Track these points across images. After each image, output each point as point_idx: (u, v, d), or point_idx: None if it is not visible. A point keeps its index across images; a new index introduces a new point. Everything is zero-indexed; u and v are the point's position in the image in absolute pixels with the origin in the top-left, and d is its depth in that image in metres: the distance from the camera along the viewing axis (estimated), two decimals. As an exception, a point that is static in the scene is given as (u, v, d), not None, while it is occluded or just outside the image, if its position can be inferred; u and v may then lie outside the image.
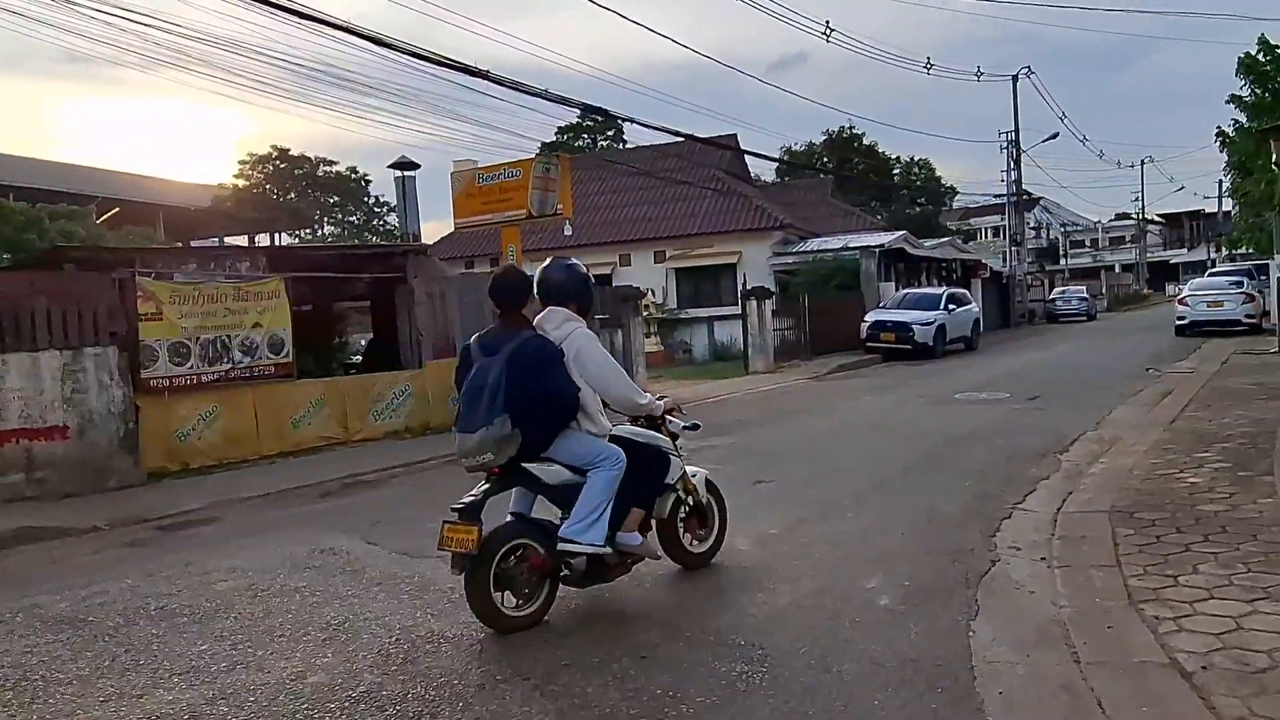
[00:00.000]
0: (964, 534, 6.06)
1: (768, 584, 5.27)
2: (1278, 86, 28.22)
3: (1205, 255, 63.25)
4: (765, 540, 6.22)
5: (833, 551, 5.88)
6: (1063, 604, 4.58)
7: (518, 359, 4.53)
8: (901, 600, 4.85)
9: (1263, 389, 11.70)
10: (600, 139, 53.28)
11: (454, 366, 5.09)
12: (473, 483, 4.94)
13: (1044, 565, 5.26)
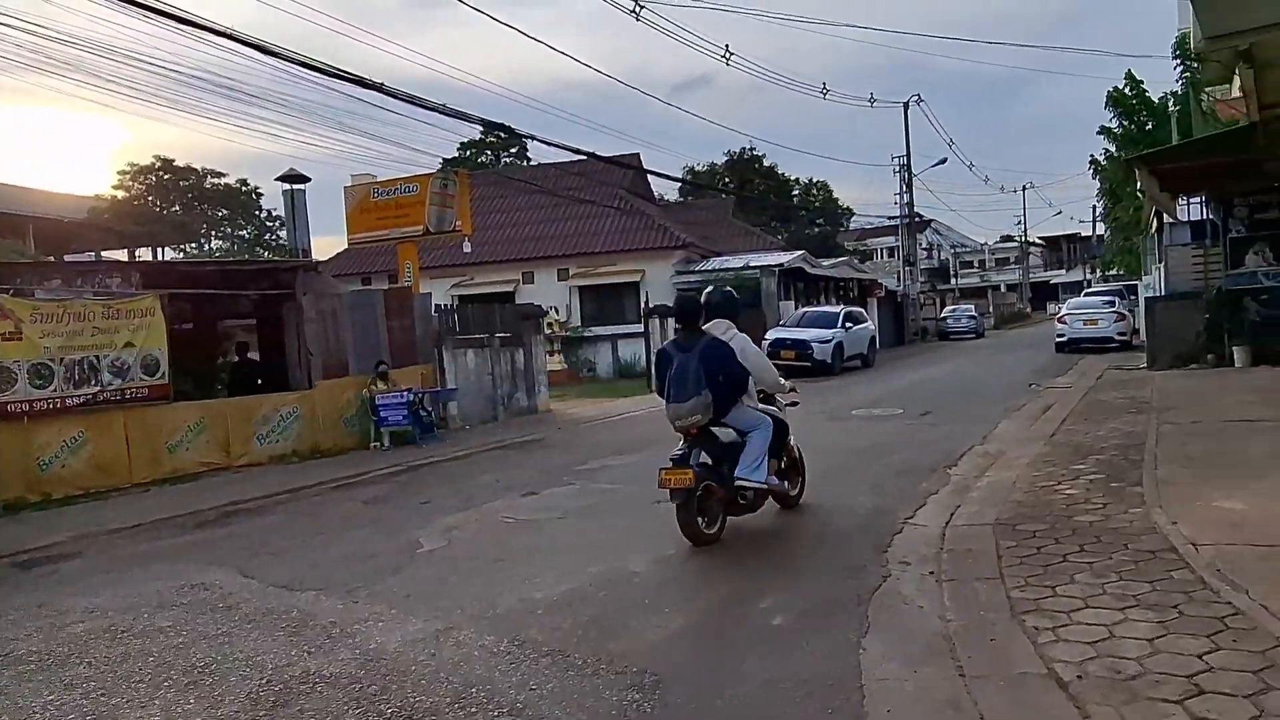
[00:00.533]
0: (857, 550, 6.11)
1: (663, 606, 5.19)
2: (1143, 120, 30.10)
3: (1082, 276, 66.80)
4: (661, 561, 6.15)
5: (728, 571, 5.84)
6: (949, 618, 4.63)
7: (707, 354, 6.40)
8: (795, 619, 4.83)
9: (1133, 403, 12.31)
10: (504, 155, 52.88)
11: (345, 386, 5.66)
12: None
13: (932, 580, 5.33)
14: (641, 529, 7.17)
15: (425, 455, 12.26)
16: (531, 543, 7.00)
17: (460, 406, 15.35)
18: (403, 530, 7.73)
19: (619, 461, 10.79)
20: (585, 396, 20.35)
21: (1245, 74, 7.99)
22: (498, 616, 5.17)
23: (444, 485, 10.00)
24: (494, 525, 7.74)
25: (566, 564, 6.21)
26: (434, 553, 6.89)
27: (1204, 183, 16.01)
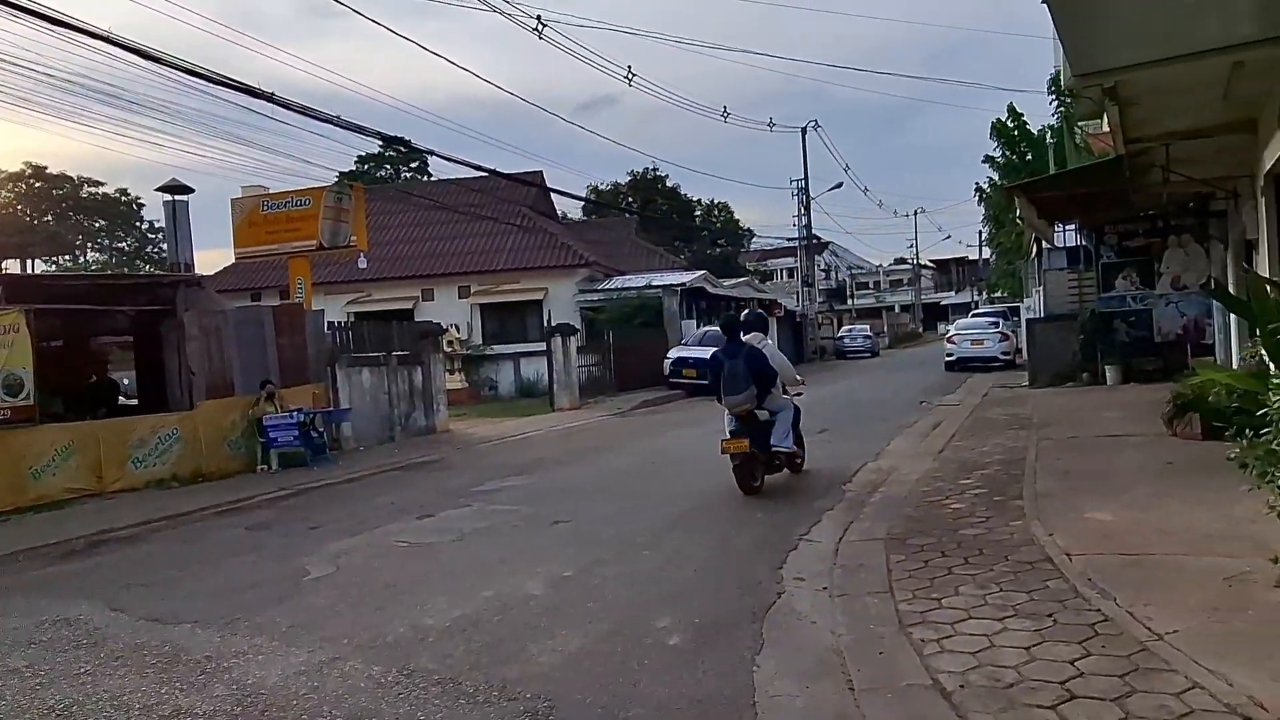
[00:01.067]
0: (753, 567, 6.17)
1: (558, 629, 5.10)
2: (1023, 150, 31.76)
3: (970, 298, 69.78)
4: (558, 583, 6.07)
5: (626, 591, 5.81)
6: (841, 633, 4.71)
7: (750, 359, 8.69)
8: (691, 638, 4.82)
9: (1015, 420, 12.87)
10: (404, 170, 51.99)
11: (230, 406, 5.61)
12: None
13: (825, 595, 5.41)
14: (539, 550, 7.07)
15: (316, 478, 11.83)
16: (425, 567, 6.81)
17: (354, 427, 14.90)
18: (289, 557, 7.42)
19: (518, 482, 10.65)
20: (486, 416, 20.06)
21: (1111, 110, 8.46)
22: (387, 645, 4.99)
23: (335, 509, 9.66)
24: (386, 550, 7.51)
25: (461, 588, 6.07)
26: (321, 580, 6.63)
27: (1078, 211, 16.92)
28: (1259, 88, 7.98)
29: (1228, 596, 4.51)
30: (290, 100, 14.21)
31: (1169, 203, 15.85)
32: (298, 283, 16.88)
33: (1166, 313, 17.37)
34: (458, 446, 14.97)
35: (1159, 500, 6.75)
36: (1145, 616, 4.32)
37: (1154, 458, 8.60)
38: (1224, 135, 9.64)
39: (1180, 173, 11.44)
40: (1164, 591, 4.67)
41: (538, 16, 19.82)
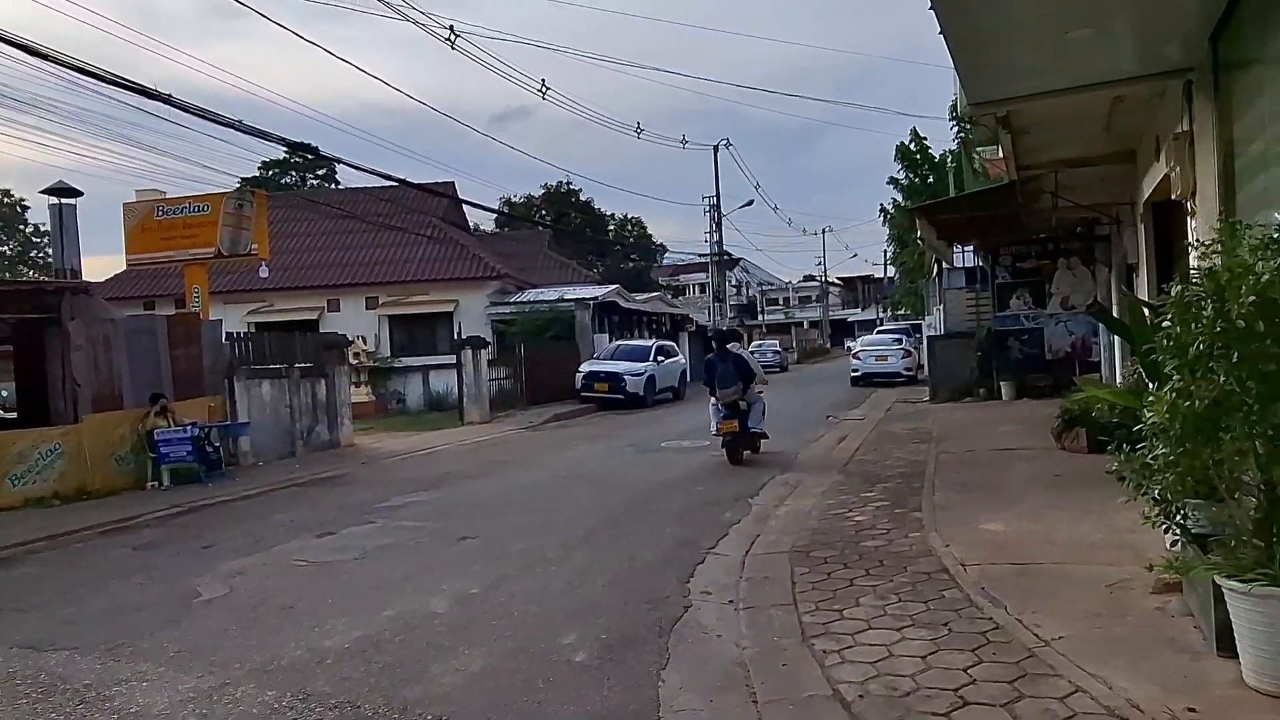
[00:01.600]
0: (661, 581, 6.19)
1: (462, 648, 5.01)
2: (925, 173, 32.99)
3: (875, 315, 71.87)
4: (464, 601, 5.96)
5: (533, 608, 5.74)
6: (746, 645, 4.76)
7: (736, 361, 11.86)
8: (597, 654, 4.80)
9: (916, 434, 13.28)
10: (310, 177, 50.67)
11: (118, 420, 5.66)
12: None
13: (731, 608, 5.46)
14: (444, 567, 6.95)
15: (211, 495, 11.36)
16: (324, 587, 6.60)
17: (253, 441, 14.38)
18: (179, 578, 7.10)
19: (425, 497, 10.44)
20: (393, 429, 19.63)
21: (1005, 138, 8.88)
22: (282, 669, 4.82)
23: (230, 527, 9.29)
24: (284, 569, 7.25)
25: (362, 608, 5.90)
26: (213, 602, 6.36)
27: (975, 233, 17.65)
28: (1137, 121, 8.48)
29: (1109, 603, 4.73)
30: (189, 102, 13.71)
31: (1058, 227, 16.68)
32: (194, 291, 16.25)
33: (1056, 331, 18.22)
34: (362, 461, 14.60)
35: (1048, 511, 7.05)
36: (1034, 624, 4.49)
37: (1044, 470, 8.98)
38: (1107, 165, 10.22)
39: (1068, 199, 12.06)
40: (1051, 599, 4.87)
41: (450, 27, 19.67)
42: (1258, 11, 4.74)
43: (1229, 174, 5.65)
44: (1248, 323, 3.31)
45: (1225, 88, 5.69)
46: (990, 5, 4.96)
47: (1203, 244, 3.99)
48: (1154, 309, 4.50)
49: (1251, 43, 4.98)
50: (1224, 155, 5.71)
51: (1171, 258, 9.22)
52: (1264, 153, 4.91)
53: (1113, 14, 5.31)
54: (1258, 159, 5.06)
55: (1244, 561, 3.52)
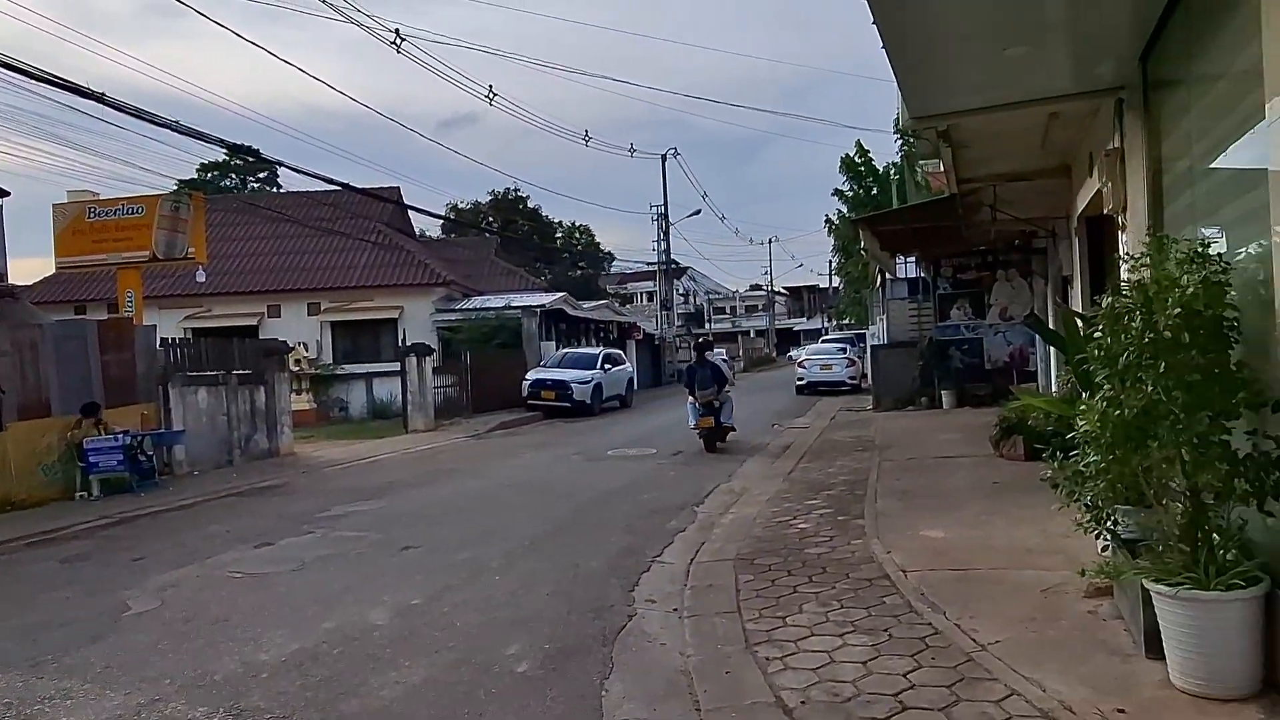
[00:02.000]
0: (606, 590, 6.16)
1: (403, 660, 4.93)
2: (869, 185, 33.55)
3: (820, 324, 72.77)
4: (405, 611, 5.86)
5: (476, 618, 5.67)
6: (689, 653, 4.76)
7: (713, 368, 14.75)
8: (540, 665, 4.76)
9: (859, 442, 13.46)
10: (251, 180, 49.66)
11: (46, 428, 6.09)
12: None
13: (675, 616, 5.46)
14: (386, 578, 6.83)
15: (143, 505, 11.02)
16: (261, 599, 6.43)
17: (189, 450, 13.99)
18: (108, 591, 6.86)
19: (366, 507, 10.26)
20: (335, 438, 19.27)
21: (945, 152, 9.06)
22: (215, 684, 4.68)
23: (163, 538, 9.02)
24: (219, 581, 7.05)
25: (299, 620, 5.77)
26: (144, 615, 6.16)
27: (917, 245, 17.97)
28: (1072, 137, 8.73)
29: (1044, 607, 4.84)
30: (123, 102, 13.32)
31: (997, 239, 17.08)
32: (128, 295, 15.79)
33: (995, 341, 18.66)
34: (302, 470, 14.31)
35: (986, 518, 7.20)
36: (971, 629, 4.57)
37: (983, 478, 9.17)
38: (1044, 179, 10.48)
39: (1006, 212, 12.34)
40: (988, 604, 4.97)
41: (396, 30, 19.40)
42: (1184, 34, 4.92)
43: (1157, 190, 5.83)
44: (1174, 334, 3.41)
45: (1154, 106, 5.87)
46: (931, 21, 5.06)
47: (1132, 257, 4.11)
48: (1086, 320, 4.63)
49: (1178, 63, 5.16)
50: (1153, 172, 5.89)
51: (1104, 270, 9.48)
52: (1189, 170, 5.08)
53: (1048, 33, 5.46)
54: (1184, 176, 5.23)
55: (1171, 566, 3.62)
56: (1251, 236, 3.90)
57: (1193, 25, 4.70)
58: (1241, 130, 3.95)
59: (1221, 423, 3.53)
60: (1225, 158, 4.36)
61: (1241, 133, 3.95)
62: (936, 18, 5.00)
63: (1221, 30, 4.22)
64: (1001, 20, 5.10)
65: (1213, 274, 3.54)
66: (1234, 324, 3.55)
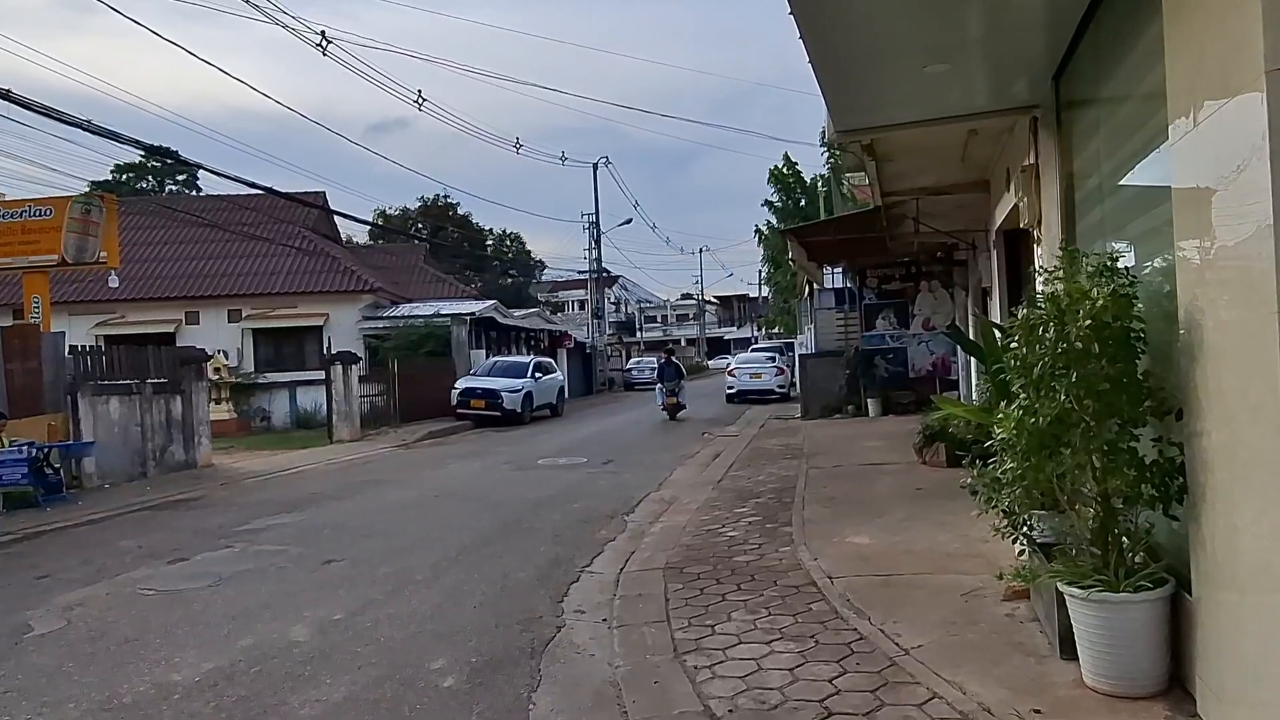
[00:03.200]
0: (534, 601, 6.10)
1: (324, 677, 4.79)
2: (797, 196, 34.12)
3: (750, 333, 73.66)
4: (327, 627, 5.71)
5: (400, 632, 5.55)
6: (618, 664, 4.73)
7: (676, 367, 23.68)
8: (466, 679, 4.68)
9: (788, 450, 13.63)
10: (170, 183, 48.10)
11: None
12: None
13: (605, 627, 5.43)
14: (307, 593, 6.64)
15: (48, 520, 10.52)
16: (174, 617, 6.19)
17: (100, 462, 13.42)
18: (8, 612, 6.51)
19: (288, 520, 9.98)
20: (257, 448, 18.73)
21: (870, 165, 9.27)
22: (123, 706, 4.49)
23: (69, 555, 8.62)
24: (129, 599, 6.76)
25: (215, 639, 5.57)
26: (47, 637, 5.87)
27: (843, 255, 18.35)
28: (990, 153, 9.01)
29: (964, 611, 4.95)
30: (30, 99, 12.78)
31: (921, 251, 17.54)
32: (34, 301, 15.10)
33: (919, 351, 19.12)
34: (221, 482, 13.85)
35: (909, 524, 7.35)
36: (895, 633, 4.65)
37: (906, 484, 9.37)
38: (964, 193, 10.80)
39: (929, 225, 12.68)
40: (911, 609, 5.06)
41: (321, 32, 19.02)
42: (1094, 56, 5.12)
43: (1070, 205, 6.05)
44: (1084, 345, 3.53)
45: (1067, 124, 6.10)
46: (856, 39, 5.17)
47: (1046, 270, 4.25)
48: (1004, 331, 4.77)
49: (1089, 84, 5.37)
50: (1065, 187, 6.11)
51: (1021, 282, 9.80)
52: (1100, 186, 5.28)
53: (966, 51, 5.63)
54: (1094, 192, 5.44)
55: (1083, 569, 3.74)
56: (1157, 251, 4.07)
57: (1102, 48, 4.90)
58: (1147, 149, 4.12)
59: (1130, 430, 3.67)
60: (1132, 175, 4.54)
61: (1147, 152, 4.12)
62: (862, 36, 5.11)
63: (1129, 54, 4.40)
64: (923, 39, 5.24)
65: (1120, 287, 3.68)
66: (1140, 335, 3.69)
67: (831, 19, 4.79)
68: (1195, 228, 3.23)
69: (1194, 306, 3.28)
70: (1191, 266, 3.31)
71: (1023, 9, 4.94)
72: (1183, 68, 3.34)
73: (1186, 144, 3.28)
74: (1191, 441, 3.36)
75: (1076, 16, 4.97)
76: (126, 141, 15.17)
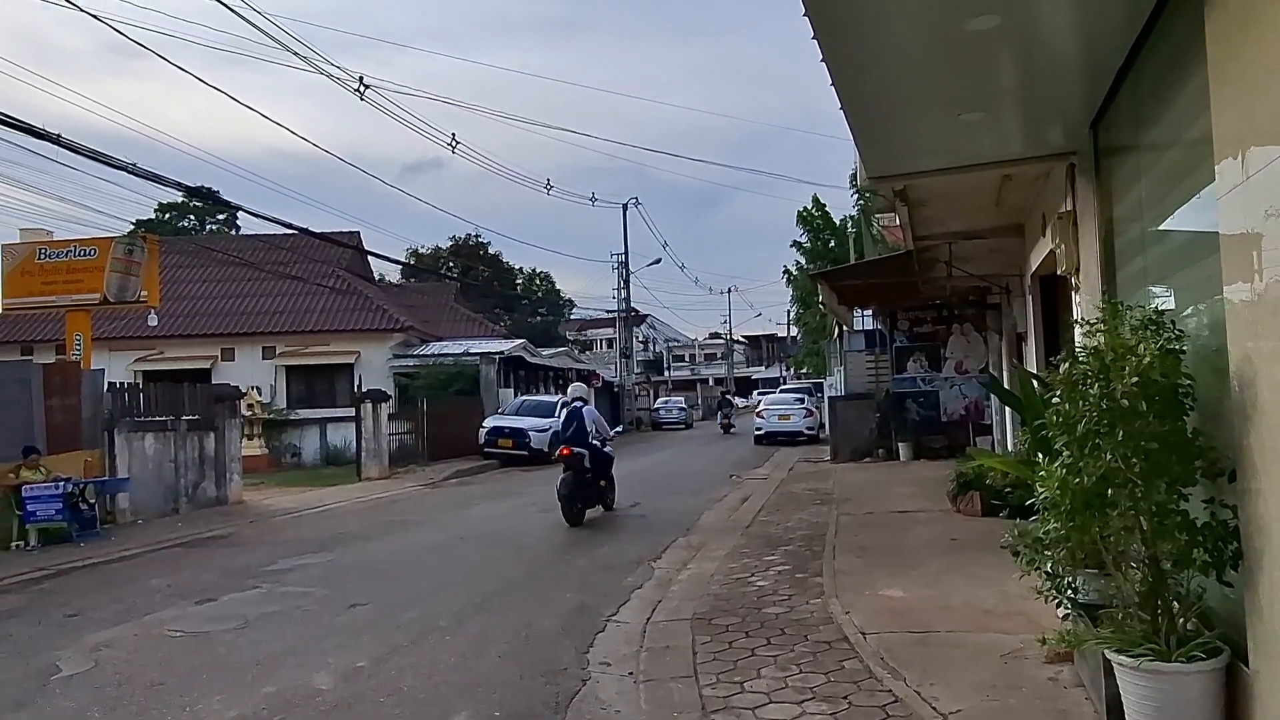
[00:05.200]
0: (559, 652, 5.99)
1: (346, 729, 4.71)
2: (826, 237, 34.05)
3: (779, 372, 73.25)
4: (350, 675, 5.63)
5: (424, 682, 5.47)
6: (645, 722, 4.61)
7: (730, 404, 40.23)
8: (490, 734, 4.58)
9: (817, 494, 13.43)
10: (210, 222, 49.14)
11: None
12: None
13: (631, 681, 5.31)
14: (332, 638, 6.58)
15: (82, 556, 10.58)
16: (200, 660, 6.15)
17: (134, 498, 13.53)
18: (37, 652, 6.52)
19: (315, 560, 9.95)
20: (286, 485, 18.80)
21: (901, 210, 9.21)
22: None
23: (100, 593, 8.64)
24: (156, 641, 6.74)
25: (238, 684, 5.52)
26: (74, 679, 5.84)
27: (874, 298, 18.21)
28: (1026, 198, 8.92)
29: (1004, 673, 4.78)
30: (78, 143, 13.08)
31: (953, 294, 17.35)
32: (76, 338, 15.37)
33: (951, 394, 18.86)
34: (251, 520, 13.89)
35: (944, 576, 7.15)
36: (931, 696, 4.49)
37: (940, 534, 9.16)
38: (998, 238, 10.68)
39: (961, 269, 12.55)
40: (948, 669, 4.89)
41: (360, 78, 19.39)
42: (1134, 102, 5.05)
43: (1110, 253, 5.94)
44: (1131, 402, 3.42)
45: (1106, 171, 6.01)
46: (889, 87, 5.15)
47: (1087, 322, 4.14)
48: (1043, 383, 4.65)
49: (1129, 130, 5.29)
50: (1105, 235, 6.01)
51: (1058, 328, 9.64)
52: (1142, 234, 5.18)
53: (1002, 99, 5.58)
54: (1136, 240, 5.33)
55: (1132, 635, 3.59)
56: (1204, 302, 3.96)
57: (1143, 96, 4.82)
58: (1193, 198, 4.03)
59: (1179, 490, 3.53)
60: (1177, 223, 4.44)
61: (1194, 200, 4.03)
62: (894, 83, 5.09)
63: (1172, 102, 4.33)
64: (957, 87, 5.20)
65: (1168, 342, 3.57)
66: (1189, 391, 3.57)
67: (863, 67, 4.77)
68: (1246, 279, 3.13)
69: (1246, 362, 3.17)
70: (1243, 320, 3.20)
71: (1059, 58, 4.90)
72: (1230, 117, 3.27)
73: (1237, 194, 3.19)
74: (1246, 504, 3.23)
75: (1115, 65, 4.91)
76: (169, 183, 15.47)
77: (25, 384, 12.47)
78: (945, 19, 4.19)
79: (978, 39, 4.36)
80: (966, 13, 4.10)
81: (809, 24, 4.04)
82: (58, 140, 12.88)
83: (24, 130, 12.45)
